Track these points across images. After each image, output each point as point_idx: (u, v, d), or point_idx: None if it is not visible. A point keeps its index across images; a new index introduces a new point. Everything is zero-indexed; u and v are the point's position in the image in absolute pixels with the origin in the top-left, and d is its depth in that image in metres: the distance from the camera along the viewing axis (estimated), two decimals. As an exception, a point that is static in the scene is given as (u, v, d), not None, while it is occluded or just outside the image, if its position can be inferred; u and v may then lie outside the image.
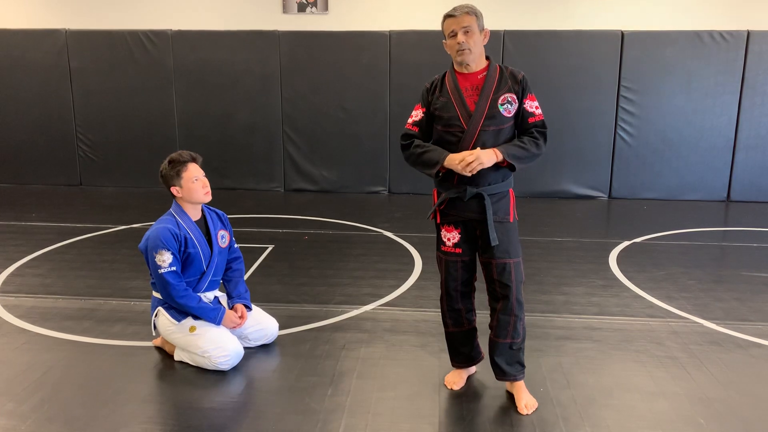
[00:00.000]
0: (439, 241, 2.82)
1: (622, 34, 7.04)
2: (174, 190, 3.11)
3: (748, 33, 6.88)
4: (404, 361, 3.22)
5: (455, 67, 2.70)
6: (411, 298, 4.10)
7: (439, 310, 2.94)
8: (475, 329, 2.94)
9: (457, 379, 2.98)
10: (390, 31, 7.25)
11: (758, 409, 2.78)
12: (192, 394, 2.89)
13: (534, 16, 7.35)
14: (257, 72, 7.45)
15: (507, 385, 2.91)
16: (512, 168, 2.65)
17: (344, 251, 5.14)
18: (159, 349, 3.33)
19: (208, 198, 3.16)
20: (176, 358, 3.19)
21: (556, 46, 7.13)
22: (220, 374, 3.06)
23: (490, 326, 2.80)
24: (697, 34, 6.94)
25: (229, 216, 3.45)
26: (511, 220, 2.72)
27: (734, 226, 6.19)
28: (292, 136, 7.59)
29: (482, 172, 2.61)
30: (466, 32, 2.58)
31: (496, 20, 7.25)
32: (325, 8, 7.58)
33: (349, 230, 5.83)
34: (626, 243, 5.43)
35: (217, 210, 3.37)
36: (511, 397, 2.85)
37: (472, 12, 2.59)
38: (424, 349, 3.34)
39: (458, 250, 2.77)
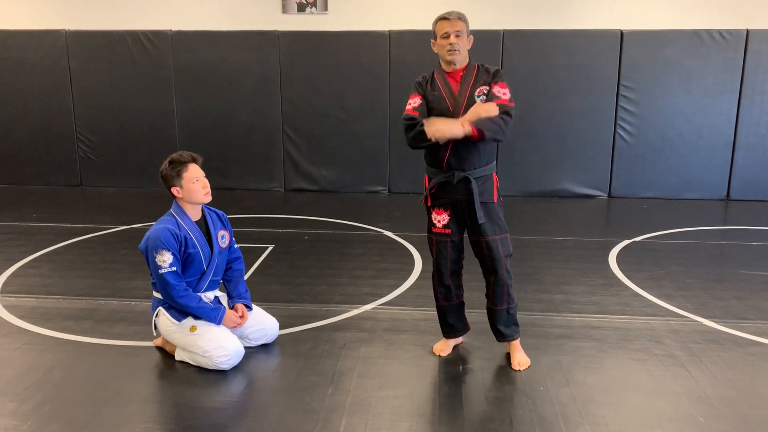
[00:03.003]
0: (430, 224, 3.12)
1: (622, 33, 7.04)
2: (174, 190, 3.12)
3: (748, 32, 6.88)
4: (404, 360, 3.23)
5: (443, 65, 3.00)
6: (411, 298, 4.11)
7: (432, 290, 3.27)
8: (462, 303, 3.26)
9: (444, 347, 3.29)
10: (389, 31, 7.25)
11: (758, 407, 2.79)
12: (192, 394, 2.90)
13: (533, 16, 7.35)
14: (257, 72, 7.45)
15: (505, 345, 3.24)
16: (482, 137, 2.79)
17: (344, 251, 5.14)
18: (160, 349, 3.34)
19: (208, 198, 3.17)
20: (177, 357, 3.20)
21: (555, 45, 7.13)
22: (220, 374, 3.07)
23: (487, 296, 3.14)
24: (696, 33, 6.94)
25: (229, 216, 3.46)
26: (495, 201, 3.01)
27: (734, 224, 6.19)
28: (292, 136, 7.60)
29: (466, 157, 2.90)
30: (457, 35, 2.90)
31: (496, 20, 7.26)
32: (325, 8, 7.59)
33: (349, 230, 5.83)
34: (626, 242, 5.43)
35: (217, 210, 3.38)
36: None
37: (464, 18, 2.94)
38: (423, 348, 3.35)
39: (448, 231, 3.07)
